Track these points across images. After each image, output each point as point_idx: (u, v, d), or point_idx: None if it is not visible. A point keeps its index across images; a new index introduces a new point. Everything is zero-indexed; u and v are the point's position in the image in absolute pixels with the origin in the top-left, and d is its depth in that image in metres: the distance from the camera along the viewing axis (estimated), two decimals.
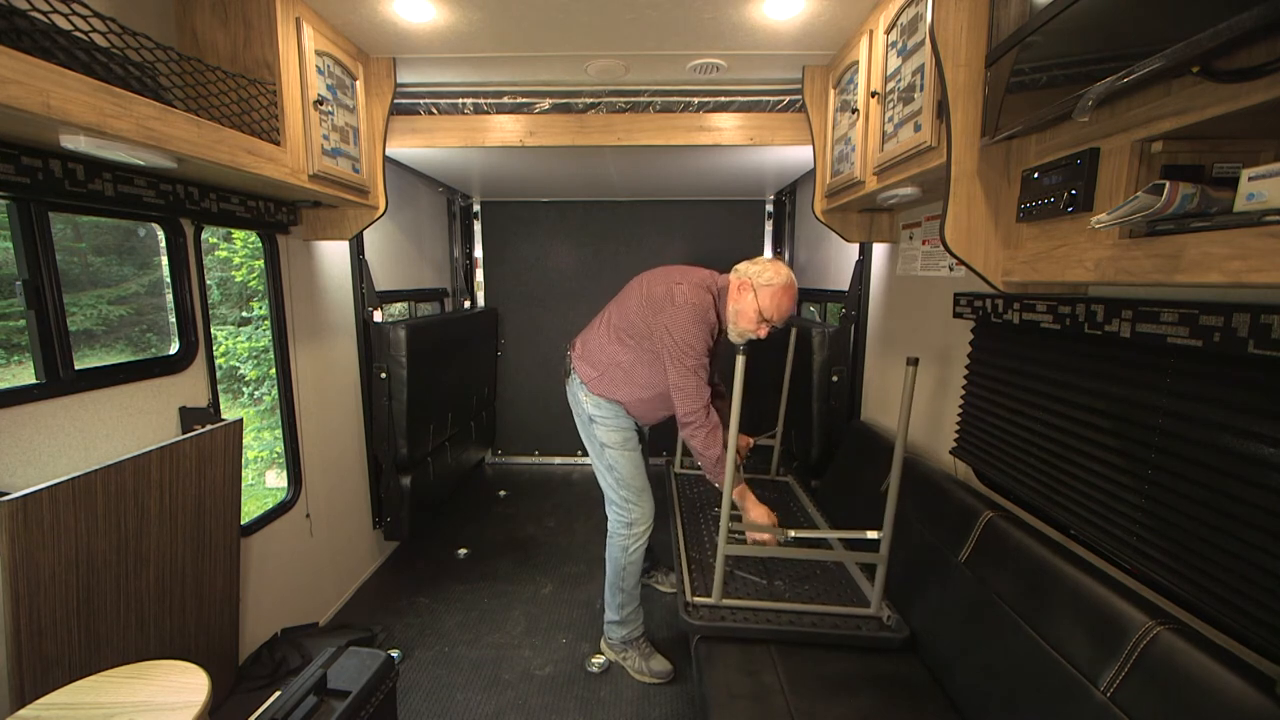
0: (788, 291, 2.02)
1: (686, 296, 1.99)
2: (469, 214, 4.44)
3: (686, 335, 1.97)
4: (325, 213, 2.49)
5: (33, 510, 1.38)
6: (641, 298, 2.11)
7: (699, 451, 2.02)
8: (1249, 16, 0.74)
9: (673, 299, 2.00)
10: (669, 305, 2.01)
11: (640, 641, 2.35)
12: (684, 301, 1.99)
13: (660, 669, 2.29)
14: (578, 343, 2.35)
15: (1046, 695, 1.27)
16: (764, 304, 2.00)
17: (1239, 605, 1.09)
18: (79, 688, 1.31)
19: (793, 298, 2.04)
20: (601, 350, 2.21)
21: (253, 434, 7.57)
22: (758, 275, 2.02)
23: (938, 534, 1.84)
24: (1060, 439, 1.56)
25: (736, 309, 2.05)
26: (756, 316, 2.02)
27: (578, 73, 2.42)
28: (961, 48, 1.36)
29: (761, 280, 2.01)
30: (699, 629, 1.83)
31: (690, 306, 1.98)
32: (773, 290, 2.00)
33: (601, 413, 2.24)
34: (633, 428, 2.29)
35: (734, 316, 2.06)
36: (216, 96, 1.60)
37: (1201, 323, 1.10)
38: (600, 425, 2.24)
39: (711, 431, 1.99)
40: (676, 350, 1.97)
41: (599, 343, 2.23)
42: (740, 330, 2.06)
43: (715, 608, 1.87)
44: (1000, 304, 1.73)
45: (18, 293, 1.53)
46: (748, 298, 2.02)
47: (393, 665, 1.62)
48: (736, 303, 2.05)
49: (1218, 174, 1.03)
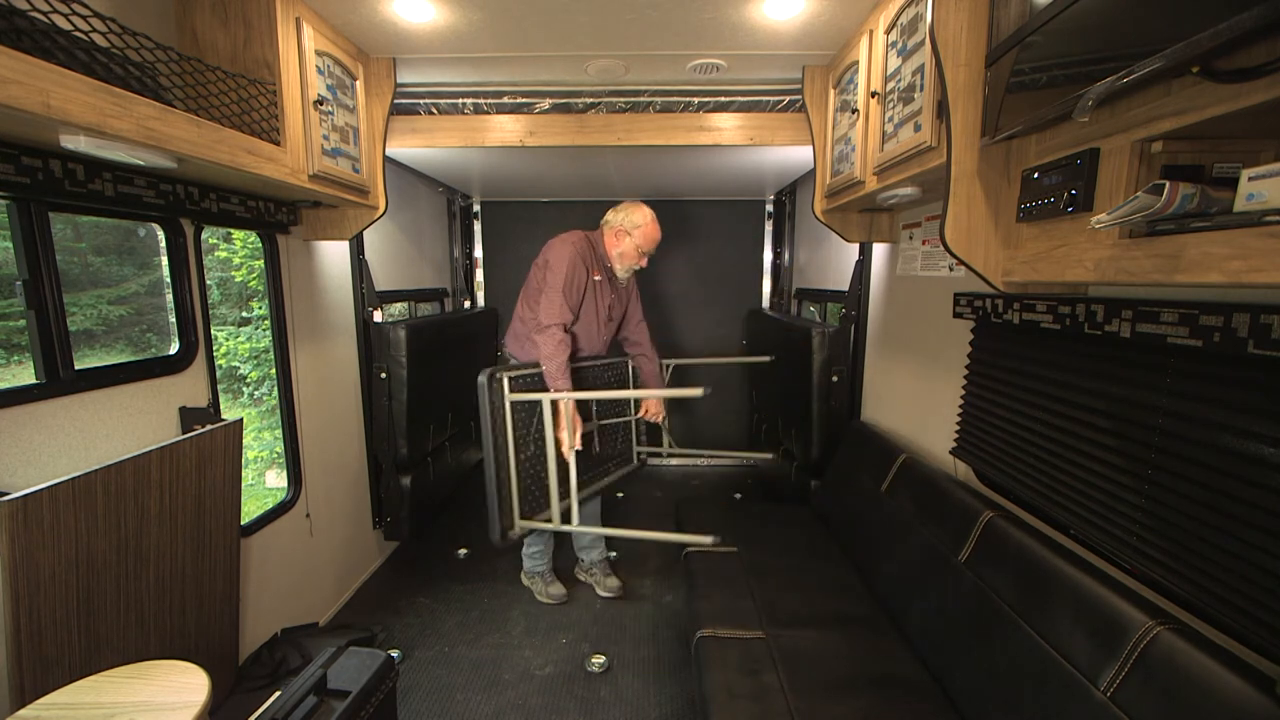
0: (654, 225, 2.51)
1: (562, 242, 2.48)
2: (469, 214, 4.44)
3: (556, 259, 2.43)
4: (325, 213, 2.49)
5: (33, 510, 1.38)
6: (535, 264, 2.58)
7: (549, 355, 2.36)
8: (1249, 16, 0.74)
9: (551, 249, 2.50)
10: (548, 252, 2.50)
11: (546, 573, 2.89)
12: (559, 245, 2.47)
13: (556, 593, 2.82)
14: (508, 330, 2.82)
15: (1046, 695, 1.27)
16: (639, 242, 2.50)
17: (1239, 605, 1.09)
18: (79, 688, 1.31)
19: (658, 227, 2.52)
20: (518, 317, 2.71)
21: (253, 434, 7.57)
22: (626, 220, 2.50)
23: (938, 534, 1.84)
24: (1060, 439, 1.56)
25: (619, 251, 2.52)
26: (636, 253, 2.53)
27: (578, 73, 2.42)
28: (961, 48, 1.36)
29: (631, 223, 2.49)
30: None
31: (564, 244, 2.46)
32: (643, 229, 2.49)
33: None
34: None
35: (618, 258, 2.54)
36: (216, 96, 1.60)
37: (1201, 323, 1.10)
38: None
39: (561, 343, 2.37)
40: (552, 278, 2.41)
41: (516, 321, 2.72)
42: (626, 267, 2.57)
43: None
44: (1000, 304, 1.73)
45: (18, 293, 1.53)
46: (625, 240, 2.51)
47: (393, 665, 1.62)
48: (617, 247, 2.52)
49: (1218, 174, 1.03)
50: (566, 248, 2.43)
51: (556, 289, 2.39)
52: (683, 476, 4.49)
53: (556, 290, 2.39)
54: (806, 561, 2.33)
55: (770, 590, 2.13)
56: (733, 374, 4.56)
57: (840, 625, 1.92)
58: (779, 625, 1.93)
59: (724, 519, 2.71)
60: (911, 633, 1.82)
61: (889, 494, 2.20)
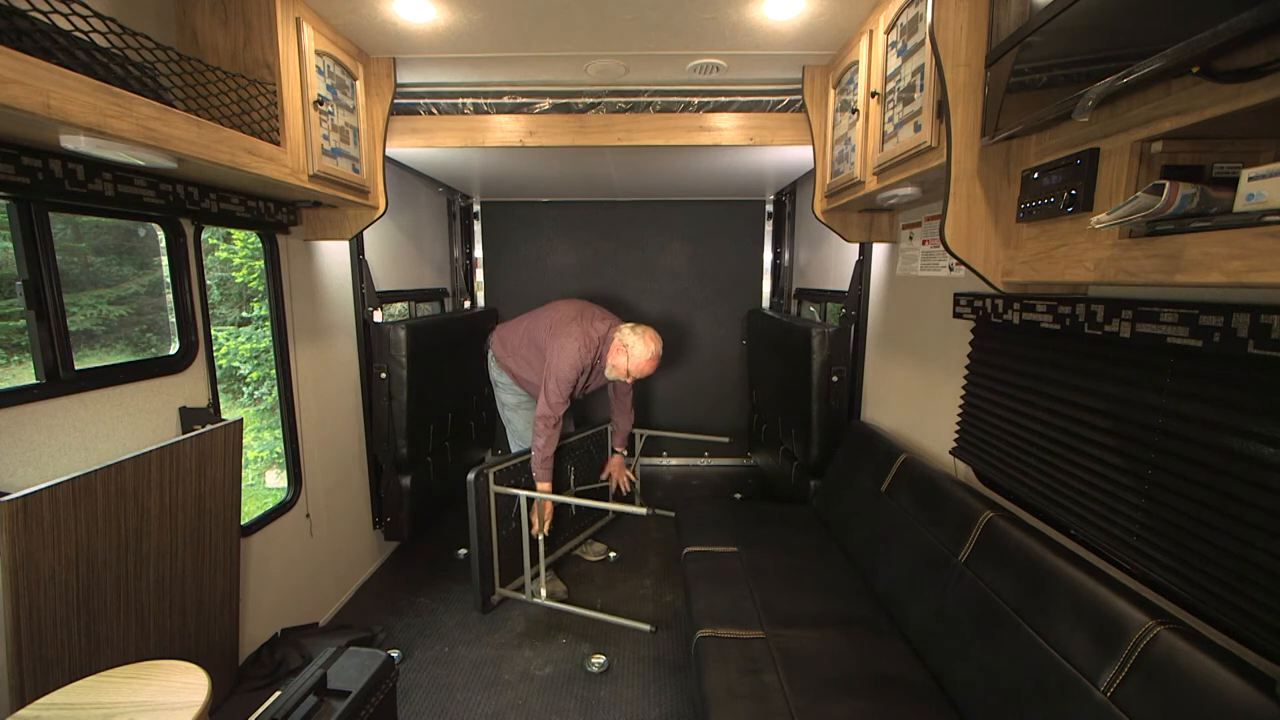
0: (650, 362, 2.77)
1: (575, 344, 2.74)
2: (469, 214, 4.44)
3: (562, 368, 2.72)
4: (325, 213, 2.49)
5: (33, 510, 1.38)
6: (550, 326, 2.88)
7: (538, 445, 2.71)
8: (1249, 16, 0.74)
9: (570, 335, 2.76)
10: (566, 341, 2.76)
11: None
12: (571, 347, 2.74)
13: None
14: (500, 329, 3.15)
15: (1046, 695, 1.27)
16: (631, 367, 2.78)
17: (1239, 605, 1.09)
18: (79, 688, 1.31)
19: (653, 366, 2.79)
20: (516, 340, 3.02)
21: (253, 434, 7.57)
22: (631, 346, 2.76)
23: (938, 534, 1.84)
24: (1060, 439, 1.56)
25: (612, 363, 2.81)
26: (625, 372, 2.80)
27: (578, 73, 2.42)
28: (961, 48, 1.36)
29: (634, 351, 2.76)
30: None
31: (573, 352, 2.73)
32: (639, 361, 2.76)
33: (503, 379, 3.11)
34: (529, 394, 3.07)
35: (609, 367, 2.83)
36: (216, 96, 1.60)
37: (1201, 323, 1.10)
38: (501, 389, 3.14)
39: (551, 437, 2.72)
40: (552, 372, 2.73)
41: (516, 338, 3.03)
42: (613, 375, 2.85)
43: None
44: (1000, 304, 1.73)
45: (18, 293, 1.53)
46: (621, 358, 2.78)
47: (393, 665, 1.62)
48: (613, 358, 2.80)
49: (1218, 174, 1.03)
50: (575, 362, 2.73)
51: (565, 382, 2.71)
52: (683, 476, 4.49)
53: (565, 384, 2.71)
54: (806, 561, 2.33)
55: (770, 590, 2.13)
56: (733, 372, 4.56)
57: (840, 625, 1.92)
58: (779, 625, 1.93)
59: (724, 519, 2.71)
60: (911, 633, 1.82)
61: (889, 494, 2.20)
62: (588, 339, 2.78)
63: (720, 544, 2.47)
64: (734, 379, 4.57)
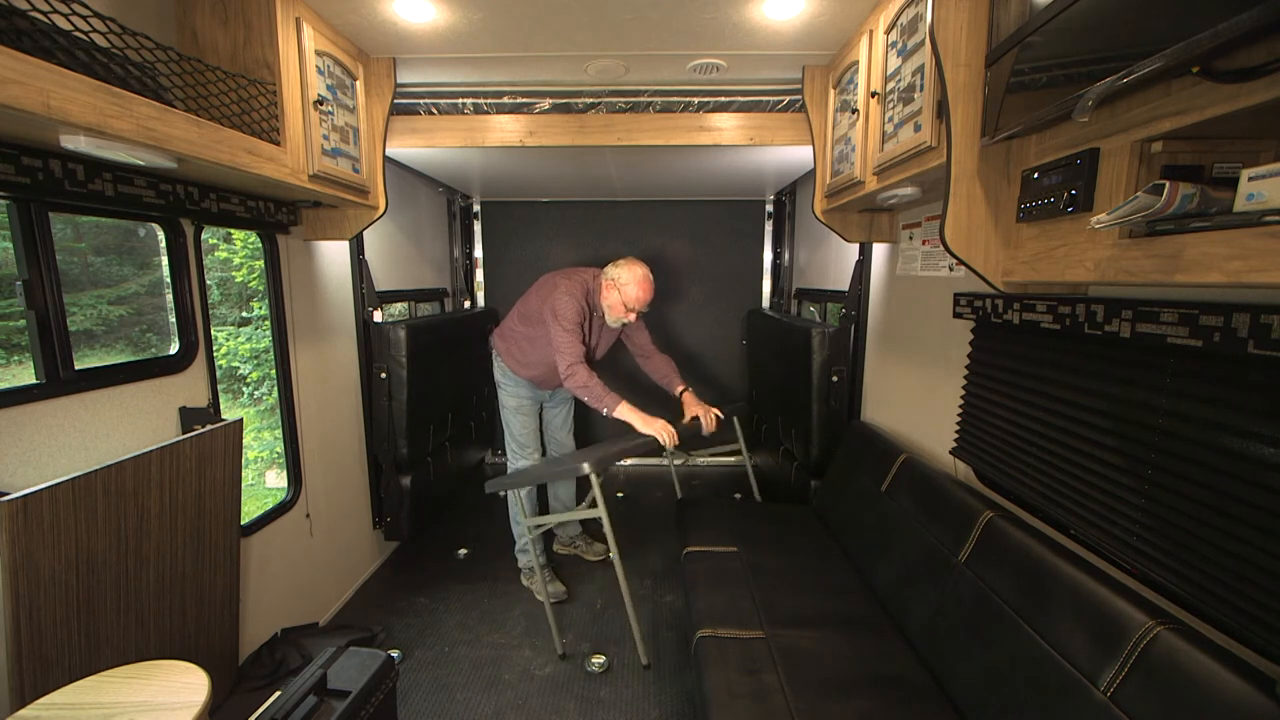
0: (642, 284, 2.63)
1: (565, 288, 2.64)
2: (469, 214, 4.44)
3: (562, 308, 2.60)
4: (325, 213, 2.49)
5: (33, 510, 1.38)
6: (538, 292, 2.78)
7: (582, 387, 2.53)
8: (1249, 16, 0.74)
9: (556, 288, 2.66)
10: (553, 293, 2.65)
11: (544, 570, 2.81)
12: (563, 290, 2.64)
13: (556, 591, 2.85)
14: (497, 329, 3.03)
15: (1046, 695, 1.27)
16: (625, 298, 2.64)
17: (1239, 605, 1.09)
18: (79, 688, 1.31)
19: (647, 288, 2.64)
20: (512, 329, 2.89)
21: (253, 434, 7.58)
22: (618, 277, 2.64)
23: (938, 534, 1.84)
24: (1060, 439, 1.56)
25: (608, 304, 2.69)
26: (622, 308, 2.66)
27: (578, 73, 2.42)
28: (961, 48, 1.36)
29: (621, 280, 2.63)
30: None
31: (566, 292, 2.64)
32: (630, 287, 2.62)
33: (505, 380, 2.96)
34: (530, 398, 2.98)
35: (607, 310, 2.70)
36: (216, 96, 1.60)
37: (1201, 323, 1.10)
38: (504, 390, 2.98)
39: (589, 373, 2.55)
40: (555, 319, 2.59)
41: (511, 324, 2.90)
42: (615, 318, 2.72)
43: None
44: (1000, 304, 1.73)
45: (18, 293, 1.53)
46: (614, 295, 2.65)
47: (393, 665, 1.62)
48: (606, 299, 2.68)
49: (1218, 174, 1.03)
50: (570, 300, 2.63)
51: (569, 321, 2.61)
52: (683, 476, 4.48)
53: (570, 324, 2.60)
54: (806, 561, 2.33)
55: (770, 590, 2.13)
56: (733, 370, 4.56)
57: (840, 625, 1.92)
58: (779, 625, 1.93)
59: (724, 519, 2.71)
60: (911, 633, 1.82)
61: (889, 494, 2.20)
62: (575, 284, 2.69)
63: (720, 544, 2.47)
64: (735, 374, 4.57)
